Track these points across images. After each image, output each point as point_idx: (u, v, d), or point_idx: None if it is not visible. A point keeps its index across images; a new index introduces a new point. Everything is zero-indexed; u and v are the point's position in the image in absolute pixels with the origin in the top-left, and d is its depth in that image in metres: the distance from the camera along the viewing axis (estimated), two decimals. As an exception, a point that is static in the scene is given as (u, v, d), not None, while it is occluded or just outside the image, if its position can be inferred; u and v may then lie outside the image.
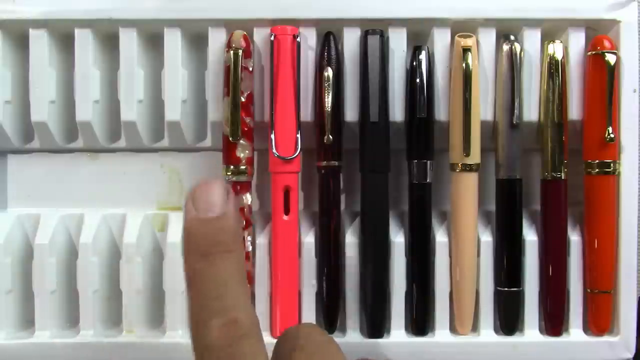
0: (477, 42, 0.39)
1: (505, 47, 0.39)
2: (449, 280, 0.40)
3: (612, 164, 0.39)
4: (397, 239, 0.40)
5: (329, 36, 0.39)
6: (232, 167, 0.38)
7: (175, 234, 0.40)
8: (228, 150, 0.39)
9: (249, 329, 0.28)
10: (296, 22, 0.39)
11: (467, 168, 0.38)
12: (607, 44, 0.38)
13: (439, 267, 0.40)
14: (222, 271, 0.27)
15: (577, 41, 0.40)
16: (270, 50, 0.39)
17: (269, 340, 0.39)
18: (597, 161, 0.39)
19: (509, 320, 0.40)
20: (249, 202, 0.39)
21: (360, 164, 0.39)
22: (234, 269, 0.27)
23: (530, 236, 0.40)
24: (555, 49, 0.39)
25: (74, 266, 0.40)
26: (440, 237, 0.40)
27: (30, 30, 0.39)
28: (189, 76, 0.41)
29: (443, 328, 0.40)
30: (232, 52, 0.38)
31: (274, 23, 0.39)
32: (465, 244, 0.39)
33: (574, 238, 0.40)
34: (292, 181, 0.39)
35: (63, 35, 0.40)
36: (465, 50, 0.38)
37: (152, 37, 0.41)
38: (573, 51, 0.39)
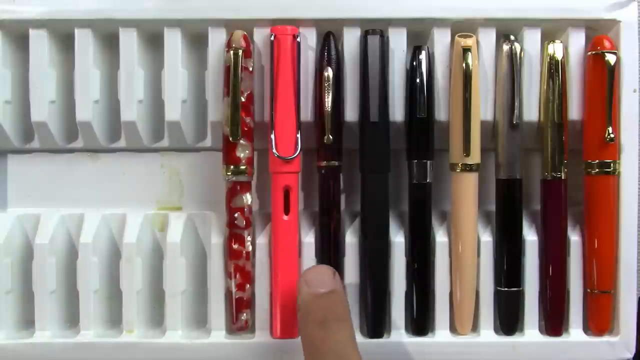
0: (477, 42, 0.39)
1: (505, 47, 0.39)
2: (449, 280, 0.40)
3: (612, 164, 0.39)
4: (397, 239, 0.40)
5: (329, 36, 0.39)
6: (232, 167, 0.39)
7: (175, 233, 0.40)
8: (228, 150, 0.39)
9: None
10: (296, 22, 0.39)
11: (467, 168, 0.39)
12: (607, 44, 0.38)
13: (439, 267, 0.40)
14: (339, 336, 0.32)
15: (577, 41, 0.40)
16: (270, 50, 0.39)
17: (269, 341, 0.40)
18: (597, 161, 0.39)
19: (509, 320, 0.40)
20: (249, 202, 0.39)
21: (360, 164, 0.39)
22: (349, 335, 0.32)
23: (530, 236, 0.40)
24: (555, 49, 0.39)
25: (74, 266, 0.40)
26: (440, 237, 0.40)
27: (30, 30, 0.39)
28: (189, 76, 0.41)
29: (443, 328, 0.40)
30: (232, 52, 0.38)
31: (274, 23, 0.39)
32: (465, 244, 0.39)
33: (574, 238, 0.40)
34: (292, 181, 0.39)
35: (63, 35, 0.40)
36: (465, 50, 0.38)
37: (152, 37, 0.41)
38: (573, 51, 0.39)
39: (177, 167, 0.43)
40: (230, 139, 0.38)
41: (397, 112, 0.39)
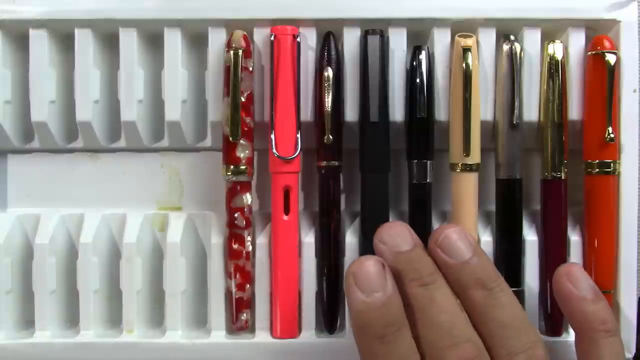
0: (477, 42, 0.39)
1: (505, 47, 0.39)
2: (449, 280, 0.40)
3: (612, 164, 0.39)
4: (397, 239, 0.40)
5: (329, 36, 0.39)
6: (232, 167, 0.39)
7: (175, 233, 0.40)
8: (228, 150, 0.39)
9: None
10: (296, 22, 0.39)
11: (467, 168, 0.38)
12: (607, 44, 0.38)
13: (439, 267, 0.40)
14: (399, 349, 0.30)
15: (577, 41, 0.40)
16: (270, 50, 0.39)
17: (269, 341, 0.40)
18: (597, 161, 0.39)
19: (509, 320, 0.40)
20: (249, 202, 0.39)
21: (360, 164, 0.39)
22: (410, 342, 0.30)
23: (530, 236, 0.40)
24: (555, 49, 0.39)
25: (74, 266, 0.40)
26: (440, 237, 0.40)
27: (30, 30, 0.39)
28: (189, 76, 0.41)
29: (443, 328, 0.40)
30: (232, 52, 0.38)
31: (274, 23, 0.39)
32: (465, 244, 0.39)
33: (574, 238, 0.40)
34: (292, 181, 0.39)
35: (63, 35, 0.40)
36: (465, 50, 0.38)
37: (152, 37, 0.41)
38: (573, 51, 0.39)
39: (177, 167, 0.43)
40: (230, 139, 0.38)
41: (397, 112, 0.39)
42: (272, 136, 0.38)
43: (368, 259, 0.31)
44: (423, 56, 0.39)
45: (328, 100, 0.38)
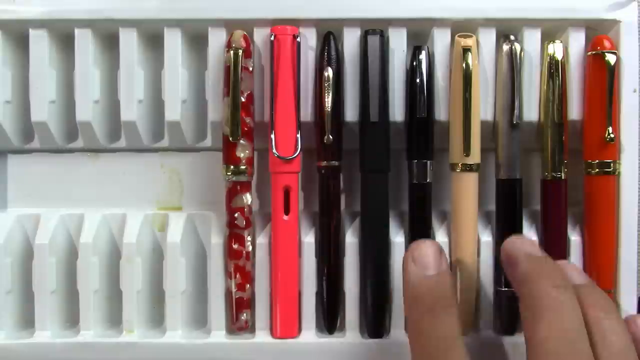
0: (477, 42, 0.39)
1: (505, 47, 0.39)
2: (449, 280, 0.40)
3: (612, 164, 0.39)
4: (397, 239, 0.40)
5: (329, 36, 0.39)
6: (232, 167, 0.39)
7: (175, 233, 0.40)
8: (228, 150, 0.39)
9: None
10: (296, 22, 0.39)
11: (467, 168, 0.38)
12: (607, 44, 0.38)
13: (439, 267, 0.40)
14: (447, 325, 0.31)
15: (577, 41, 0.40)
16: (270, 50, 0.39)
17: (269, 341, 0.40)
18: (597, 161, 0.39)
19: (509, 320, 0.40)
20: (249, 202, 0.39)
21: (360, 164, 0.39)
22: (456, 323, 0.31)
23: (530, 236, 0.40)
24: (555, 49, 0.39)
25: (74, 266, 0.40)
26: (440, 237, 0.40)
27: (30, 30, 0.39)
28: (189, 76, 0.41)
29: (443, 328, 0.40)
30: (232, 52, 0.38)
31: (274, 23, 0.39)
32: (465, 244, 0.39)
33: (574, 238, 0.40)
34: (292, 181, 0.39)
35: (63, 35, 0.40)
36: (465, 50, 0.38)
37: (152, 37, 0.41)
38: (573, 51, 0.40)
39: (177, 167, 0.43)
40: (230, 139, 0.38)
41: (397, 112, 0.39)
42: (272, 136, 0.38)
43: (426, 243, 0.33)
44: (423, 56, 0.39)
45: (328, 100, 0.38)
